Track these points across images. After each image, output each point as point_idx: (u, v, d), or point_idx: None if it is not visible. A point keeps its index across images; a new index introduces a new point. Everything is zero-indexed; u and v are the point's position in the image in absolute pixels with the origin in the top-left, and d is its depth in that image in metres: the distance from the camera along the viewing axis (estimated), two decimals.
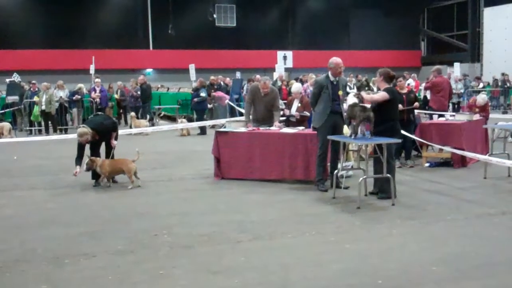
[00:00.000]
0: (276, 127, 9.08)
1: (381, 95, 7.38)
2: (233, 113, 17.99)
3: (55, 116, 17.25)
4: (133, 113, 17.44)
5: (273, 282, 4.54)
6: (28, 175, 9.87)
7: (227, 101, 18.25)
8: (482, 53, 31.72)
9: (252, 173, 8.83)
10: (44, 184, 8.97)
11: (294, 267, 4.87)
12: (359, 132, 7.29)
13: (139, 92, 18.36)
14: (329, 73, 8.00)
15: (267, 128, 9.13)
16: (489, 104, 14.24)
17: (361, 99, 7.31)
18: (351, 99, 7.39)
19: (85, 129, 8.50)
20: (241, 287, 4.46)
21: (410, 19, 36.47)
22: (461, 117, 10.74)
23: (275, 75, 20.95)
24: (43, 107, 16.86)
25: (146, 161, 10.53)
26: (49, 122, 17.18)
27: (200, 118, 16.88)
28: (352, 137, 7.34)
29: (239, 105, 17.98)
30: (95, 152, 8.69)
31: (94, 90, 18.46)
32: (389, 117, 7.41)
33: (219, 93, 18.50)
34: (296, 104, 9.74)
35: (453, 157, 9.91)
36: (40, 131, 17.50)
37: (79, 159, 8.48)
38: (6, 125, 15.81)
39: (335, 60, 7.98)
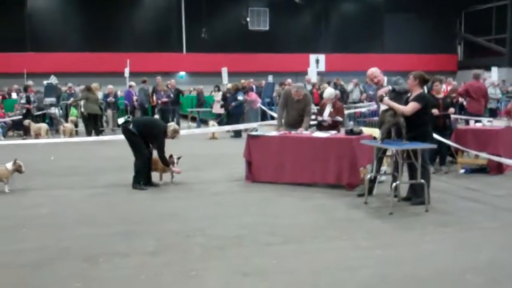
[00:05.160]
0: (300, 131, 9.12)
1: (412, 107, 7.21)
2: (264, 116, 18.01)
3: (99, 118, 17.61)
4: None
5: (303, 286, 4.53)
6: (64, 175, 10.08)
7: (258, 104, 18.27)
8: None
9: (283, 176, 8.83)
10: (80, 184, 9.15)
11: (324, 272, 4.85)
12: (392, 137, 7.23)
13: (172, 95, 18.55)
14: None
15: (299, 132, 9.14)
16: None
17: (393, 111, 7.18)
18: (384, 106, 7.32)
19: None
20: None
21: (446, 23, 35.88)
22: (499, 123, 10.52)
23: (313, 79, 20.82)
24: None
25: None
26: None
27: (235, 122, 16.81)
28: (379, 142, 7.27)
29: (271, 109, 17.99)
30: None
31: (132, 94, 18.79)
32: (421, 122, 7.26)
33: (252, 96, 18.48)
34: (328, 109, 9.70)
35: (489, 164, 9.71)
36: (76, 132, 17.81)
37: None
38: (44, 126, 16.19)
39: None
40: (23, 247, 5.63)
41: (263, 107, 18.23)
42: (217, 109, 19.09)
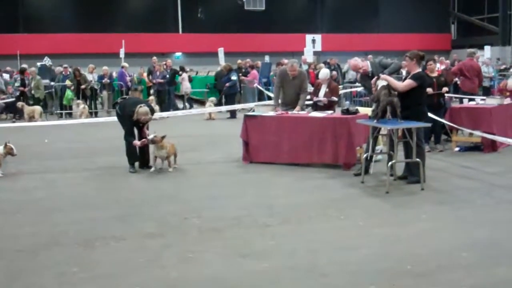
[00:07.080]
0: (297, 111, 9.10)
1: (407, 84, 7.25)
2: (261, 96, 17.93)
3: (42, 101, 17.46)
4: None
5: (302, 266, 4.55)
6: (59, 158, 10.03)
7: (255, 84, 18.18)
8: None
9: (280, 157, 8.82)
10: (75, 167, 9.11)
11: (322, 252, 4.87)
12: (387, 116, 7.23)
13: (167, 76, 18.43)
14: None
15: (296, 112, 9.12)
16: None
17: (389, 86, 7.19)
18: (381, 82, 7.29)
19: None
20: (270, 271, 4.48)
21: (440, 2, 35.75)
22: (492, 101, 10.54)
23: (309, 59, 20.84)
24: (33, 92, 17.04)
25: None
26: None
27: (230, 103, 16.72)
28: (374, 121, 7.28)
29: (267, 89, 17.90)
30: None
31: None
32: (415, 101, 7.30)
33: (253, 74, 18.31)
34: (323, 90, 9.67)
35: (483, 142, 9.74)
36: (70, 115, 17.73)
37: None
38: (38, 108, 16.05)
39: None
40: (18, 232, 5.59)
41: (260, 87, 18.13)
42: (183, 89, 19.89)
